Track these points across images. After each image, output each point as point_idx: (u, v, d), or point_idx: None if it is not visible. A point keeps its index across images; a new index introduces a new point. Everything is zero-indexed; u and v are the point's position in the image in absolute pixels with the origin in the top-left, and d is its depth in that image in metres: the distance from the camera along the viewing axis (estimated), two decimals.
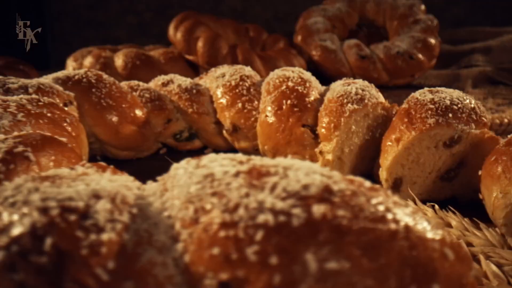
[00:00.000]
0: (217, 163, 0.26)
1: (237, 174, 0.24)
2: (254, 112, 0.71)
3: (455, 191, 0.59)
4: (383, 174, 0.57)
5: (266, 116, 0.66)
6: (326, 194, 0.22)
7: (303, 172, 0.23)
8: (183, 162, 0.29)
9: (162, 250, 0.23)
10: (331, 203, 0.21)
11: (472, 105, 0.58)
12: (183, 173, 0.26)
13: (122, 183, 0.27)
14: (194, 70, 1.35)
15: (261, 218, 0.21)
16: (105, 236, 0.21)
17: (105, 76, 0.73)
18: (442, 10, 2.04)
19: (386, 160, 0.57)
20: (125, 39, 2.05)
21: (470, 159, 0.57)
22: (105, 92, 0.70)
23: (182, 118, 0.79)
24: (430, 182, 0.58)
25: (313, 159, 0.63)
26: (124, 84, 0.78)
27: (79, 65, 1.32)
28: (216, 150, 0.81)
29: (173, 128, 0.78)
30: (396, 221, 0.22)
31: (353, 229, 0.21)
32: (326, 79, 1.53)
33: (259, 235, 0.20)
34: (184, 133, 0.79)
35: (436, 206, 0.50)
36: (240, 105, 0.72)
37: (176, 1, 2.09)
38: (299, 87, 0.66)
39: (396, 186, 0.58)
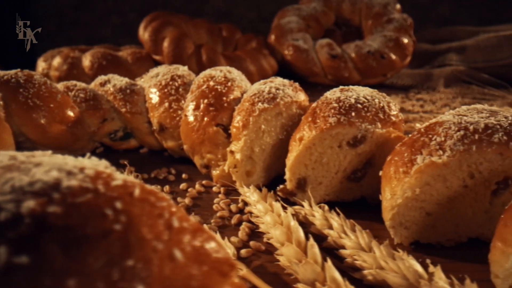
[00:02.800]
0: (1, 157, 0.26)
1: None
2: (179, 112, 0.71)
3: (364, 192, 0.58)
4: (287, 174, 0.56)
5: (186, 115, 0.66)
6: (49, 190, 0.22)
7: (46, 169, 0.23)
8: None
9: None
10: (48, 199, 0.21)
11: (381, 104, 0.56)
12: None
13: None
14: None
15: None
16: None
17: (36, 76, 0.74)
18: (427, 9, 2.00)
19: (289, 160, 0.56)
20: (110, 39, 2.07)
21: (377, 159, 0.56)
22: (33, 92, 0.71)
23: (118, 118, 0.79)
24: (337, 183, 0.57)
25: (226, 158, 0.62)
26: (60, 85, 0.79)
27: (48, 65, 1.34)
28: (151, 150, 0.81)
29: (107, 127, 0.79)
30: (116, 220, 0.21)
31: (58, 225, 0.20)
32: (299, 79, 1.53)
33: None
34: (119, 133, 0.79)
35: (326, 207, 0.49)
36: (167, 104, 0.72)
37: (160, 2, 2.11)
38: (219, 86, 0.66)
39: (300, 186, 0.57)
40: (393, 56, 1.43)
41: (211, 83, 0.67)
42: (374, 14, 1.54)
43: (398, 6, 1.55)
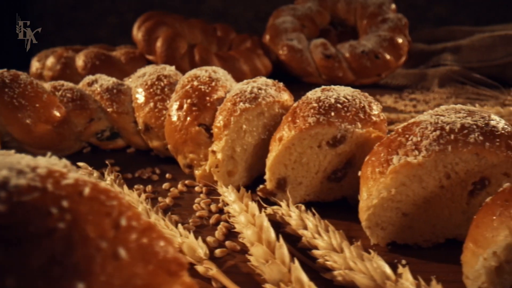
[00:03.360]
0: None
1: None
2: (164, 112, 0.71)
3: (345, 192, 0.58)
4: (267, 173, 0.56)
5: (169, 115, 0.66)
6: None
7: None
8: None
9: None
10: None
11: (362, 104, 0.56)
12: None
13: None
14: None
15: None
16: None
17: (22, 76, 0.74)
18: (424, 9, 2.00)
19: (268, 159, 0.56)
20: (107, 39, 2.07)
21: (358, 159, 0.56)
22: (18, 92, 0.71)
23: (105, 118, 0.79)
24: (318, 183, 0.57)
25: (208, 158, 0.62)
26: (48, 84, 0.79)
27: (42, 65, 1.34)
28: (138, 149, 0.81)
29: (94, 127, 0.79)
30: (61, 218, 0.21)
31: (1, 223, 0.20)
32: (293, 78, 1.53)
33: None
34: (106, 132, 0.80)
35: (303, 207, 0.49)
36: (152, 104, 0.72)
37: (157, 2, 2.11)
38: (203, 86, 0.66)
39: (280, 186, 0.57)
40: (388, 56, 1.42)
41: (195, 83, 0.67)
42: (369, 14, 1.54)
43: (393, 6, 1.55)
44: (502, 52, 1.36)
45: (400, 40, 1.44)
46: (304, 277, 0.34)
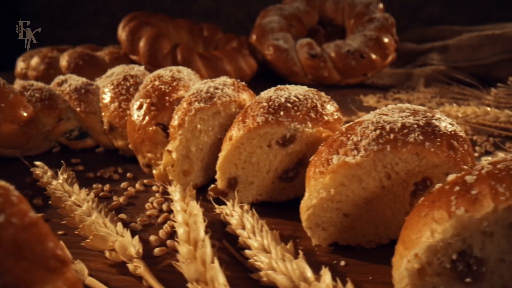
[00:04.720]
0: None
1: None
2: (128, 111, 0.71)
3: (297, 192, 0.58)
4: (217, 173, 0.56)
5: (130, 114, 0.66)
6: None
7: None
8: None
9: None
10: None
11: (314, 103, 0.56)
12: None
13: None
14: None
15: None
16: None
17: None
18: (417, 9, 1.98)
19: (219, 159, 0.56)
20: (99, 39, 2.09)
21: (309, 159, 0.55)
22: None
23: (74, 117, 0.80)
24: (269, 183, 0.57)
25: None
26: (17, 85, 0.80)
27: (27, 65, 1.35)
28: (107, 149, 0.81)
29: (63, 127, 0.79)
30: None
31: None
32: (280, 78, 1.53)
33: None
34: (74, 132, 0.80)
35: (246, 207, 0.49)
36: (116, 104, 0.72)
37: (149, 2, 2.12)
38: (163, 86, 0.66)
39: (231, 185, 0.56)
40: (373, 56, 1.41)
41: (157, 82, 0.67)
42: (356, 13, 1.53)
43: (380, 5, 1.54)
44: (488, 52, 1.34)
45: (386, 40, 1.43)
46: (220, 277, 0.34)
